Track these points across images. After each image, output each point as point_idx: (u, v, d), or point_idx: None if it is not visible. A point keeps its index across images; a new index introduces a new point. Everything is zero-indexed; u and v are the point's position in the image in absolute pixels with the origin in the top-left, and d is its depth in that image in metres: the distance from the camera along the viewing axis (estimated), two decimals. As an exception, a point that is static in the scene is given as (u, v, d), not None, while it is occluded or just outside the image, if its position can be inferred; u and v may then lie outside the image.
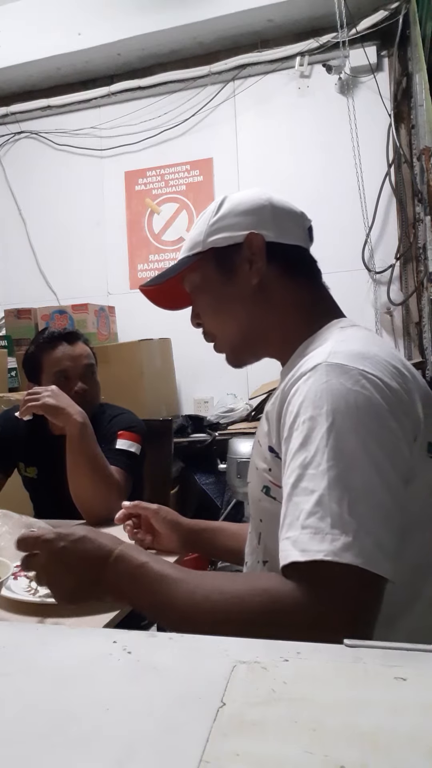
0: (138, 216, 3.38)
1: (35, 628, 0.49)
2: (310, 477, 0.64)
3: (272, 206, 0.89)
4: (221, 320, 0.91)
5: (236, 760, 0.31)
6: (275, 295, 0.87)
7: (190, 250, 0.92)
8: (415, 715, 0.35)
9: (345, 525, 0.60)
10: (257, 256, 0.86)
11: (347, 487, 0.62)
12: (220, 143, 3.22)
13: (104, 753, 0.32)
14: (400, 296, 2.93)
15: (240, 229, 0.87)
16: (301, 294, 0.88)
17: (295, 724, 0.34)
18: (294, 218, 0.91)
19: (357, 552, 0.59)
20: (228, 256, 0.88)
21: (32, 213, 3.55)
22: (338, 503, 0.61)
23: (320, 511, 0.61)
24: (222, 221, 0.89)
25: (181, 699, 0.37)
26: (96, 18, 3.08)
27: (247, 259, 0.87)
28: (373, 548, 0.59)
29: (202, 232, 0.90)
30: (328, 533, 0.60)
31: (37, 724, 0.35)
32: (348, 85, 2.96)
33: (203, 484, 2.80)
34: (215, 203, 0.91)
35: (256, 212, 0.88)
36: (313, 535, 0.60)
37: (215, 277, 0.90)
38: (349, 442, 0.64)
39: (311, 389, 0.69)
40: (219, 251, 0.89)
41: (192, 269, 0.92)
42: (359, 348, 0.73)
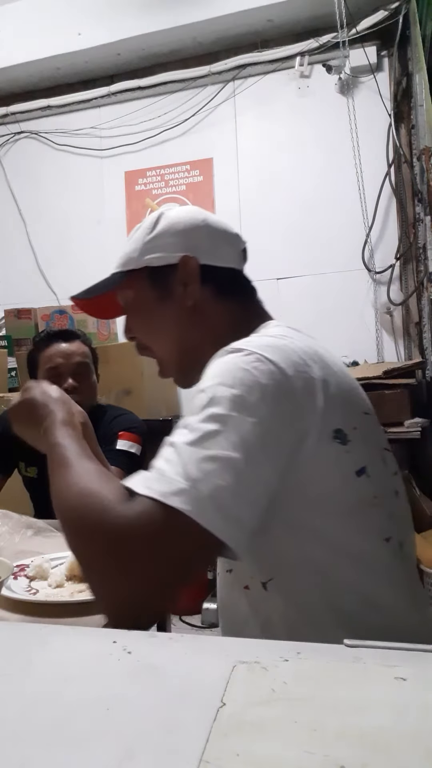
0: (138, 216, 3.38)
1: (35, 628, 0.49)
2: (179, 433, 0.66)
3: (208, 228, 0.90)
4: (156, 338, 0.93)
5: (236, 760, 0.31)
6: (207, 315, 0.89)
7: (123, 266, 0.93)
8: (415, 715, 0.35)
9: (188, 474, 0.61)
10: (191, 278, 0.87)
11: (206, 446, 0.63)
12: (220, 143, 3.22)
13: (104, 753, 0.32)
14: (400, 296, 2.93)
15: (175, 250, 0.88)
16: (234, 314, 0.89)
17: (295, 724, 0.34)
18: (229, 240, 0.92)
19: (186, 499, 0.59)
20: (162, 276, 0.89)
21: (32, 213, 3.54)
22: (190, 456, 0.62)
23: (173, 459, 0.63)
24: (157, 240, 0.90)
25: (181, 699, 0.37)
26: (96, 18, 3.08)
27: (182, 281, 0.88)
28: (207, 502, 0.60)
29: (137, 249, 0.91)
30: (170, 479, 0.61)
31: (37, 724, 0.35)
32: (348, 85, 2.96)
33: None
34: (151, 219, 0.92)
35: (192, 234, 0.89)
36: (159, 476, 0.62)
37: (149, 295, 0.91)
38: (224, 411, 0.65)
39: (209, 369, 0.72)
40: (153, 270, 0.90)
41: (125, 285, 0.93)
42: (268, 341, 0.74)
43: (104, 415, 1.65)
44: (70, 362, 1.59)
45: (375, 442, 0.78)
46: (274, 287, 2.96)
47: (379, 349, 2.94)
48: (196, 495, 0.60)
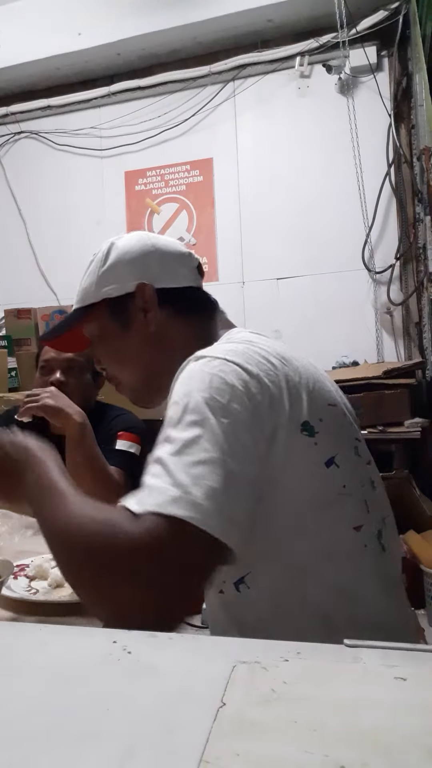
0: (138, 216, 3.38)
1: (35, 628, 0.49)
2: (161, 448, 0.67)
3: (158, 252, 0.92)
4: (122, 368, 0.94)
5: (236, 760, 0.31)
6: (171, 336, 0.90)
7: (83, 301, 0.94)
8: (415, 715, 0.35)
9: (178, 482, 0.62)
10: (149, 304, 0.89)
11: (189, 452, 0.64)
12: (220, 143, 3.22)
13: (104, 753, 0.32)
14: (400, 296, 2.93)
15: (129, 279, 0.90)
16: (196, 330, 0.90)
17: (295, 724, 0.34)
18: (181, 260, 0.93)
19: (183, 506, 0.60)
20: (121, 305, 0.91)
21: (32, 213, 3.55)
22: (175, 464, 0.63)
23: (159, 472, 0.64)
24: (110, 272, 0.91)
25: (181, 699, 0.37)
26: (96, 18, 3.08)
27: (140, 308, 0.89)
28: (204, 505, 0.60)
29: (93, 282, 0.93)
30: (161, 490, 0.62)
31: (37, 724, 0.35)
32: (348, 85, 2.96)
33: (203, 484, 2.80)
34: (102, 251, 0.94)
35: (144, 260, 0.91)
36: (151, 490, 0.63)
37: (111, 326, 0.92)
38: (197, 415, 0.66)
39: (176, 382, 0.73)
40: (112, 301, 0.91)
41: (87, 320, 0.95)
42: (229, 346, 0.76)
43: (104, 415, 1.65)
44: (60, 357, 1.60)
45: (343, 433, 0.78)
46: (274, 287, 2.96)
47: (379, 349, 2.94)
48: (191, 500, 0.60)
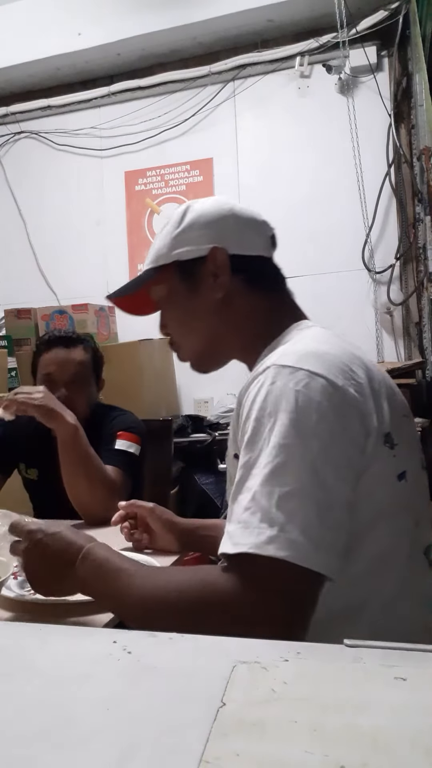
0: (138, 216, 3.38)
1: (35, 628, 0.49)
2: (251, 476, 0.66)
3: (235, 217, 0.90)
4: (187, 331, 0.93)
5: (236, 760, 0.31)
6: (238, 305, 0.89)
7: (154, 261, 0.93)
8: (415, 715, 0.35)
9: (272, 519, 0.61)
10: (221, 270, 0.87)
11: (279, 483, 0.63)
12: (220, 143, 3.22)
13: (104, 753, 0.32)
14: (400, 296, 2.93)
15: (203, 242, 0.88)
16: (264, 303, 0.90)
17: (295, 724, 0.34)
18: (256, 228, 0.92)
19: (281, 545, 0.60)
20: (192, 269, 0.89)
21: (32, 213, 3.54)
22: (268, 498, 0.62)
23: (252, 507, 0.63)
24: (185, 234, 0.90)
25: (181, 699, 0.37)
26: (96, 18, 3.08)
27: (211, 272, 0.88)
28: (301, 542, 0.60)
29: (166, 244, 0.91)
30: (255, 527, 0.61)
31: (37, 724, 0.35)
32: (348, 85, 2.96)
33: (203, 484, 2.80)
34: (178, 213, 0.92)
35: (219, 224, 0.89)
36: (244, 529, 0.62)
37: (180, 289, 0.91)
38: (286, 439, 0.65)
39: (259, 392, 0.71)
40: (183, 264, 0.90)
41: (157, 281, 0.93)
42: (311, 347, 0.75)
43: (103, 415, 1.64)
44: (64, 372, 1.57)
45: (415, 446, 0.79)
46: (274, 287, 2.95)
47: (379, 349, 2.94)
48: (287, 538, 0.60)
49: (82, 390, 1.59)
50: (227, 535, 0.64)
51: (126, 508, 1.14)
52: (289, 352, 0.74)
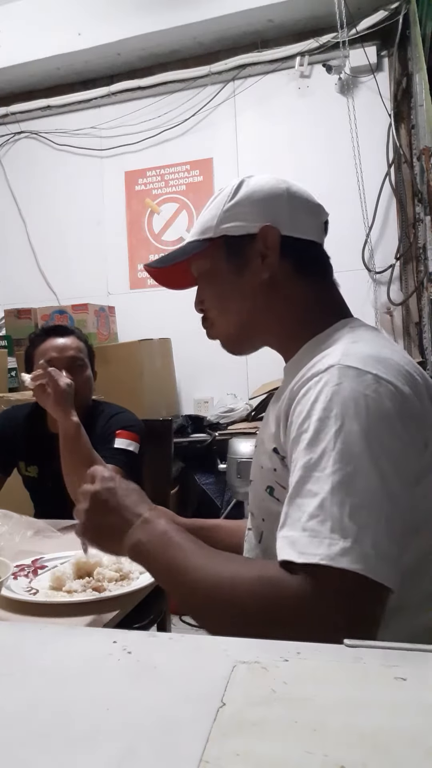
0: (138, 216, 3.38)
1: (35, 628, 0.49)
2: (314, 479, 0.63)
3: (290, 197, 0.85)
4: (225, 310, 0.88)
5: (236, 760, 0.31)
6: (284, 291, 0.85)
7: (201, 234, 0.88)
8: (415, 715, 0.35)
9: (344, 530, 0.60)
10: (271, 250, 0.83)
11: (350, 492, 0.61)
12: (220, 143, 3.22)
13: (104, 753, 0.32)
14: (400, 296, 2.93)
15: (255, 219, 0.83)
16: (311, 291, 0.86)
17: (295, 724, 0.34)
18: (311, 211, 0.87)
19: (354, 558, 0.58)
20: (240, 246, 0.84)
21: (32, 213, 3.54)
22: (339, 508, 0.61)
23: (321, 515, 0.61)
24: (237, 208, 0.84)
25: (181, 699, 0.37)
26: (96, 18, 3.08)
27: (260, 252, 0.83)
28: (372, 555, 0.59)
29: (215, 216, 0.86)
30: (326, 537, 0.60)
31: (37, 724, 0.35)
32: (348, 85, 2.96)
33: (203, 484, 2.80)
34: (231, 187, 0.87)
35: (273, 202, 0.84)
36: (312, 538, 0.60)
37: (225, 266, 0.86)
38: (356, 447, 0.63)
39: (323, 391, 0.68)
40: (231, 240, 0.85)
41: (201, 255, 0.88)
42: (372, 350, 0.72)
43: (101, 414, 1.65)
44: (64, 356, 1.60)
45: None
46: (274, 287, 2.95)
47: (379, 349, 2.94)
48: (360, 551, 0.59)
49: (82, 373, 1.62)
50: (287, 541, 0.62)
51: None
52: (352, 352, 0.71)
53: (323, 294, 0.87)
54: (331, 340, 0.79)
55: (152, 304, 3.30)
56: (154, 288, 3.33)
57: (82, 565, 1.05)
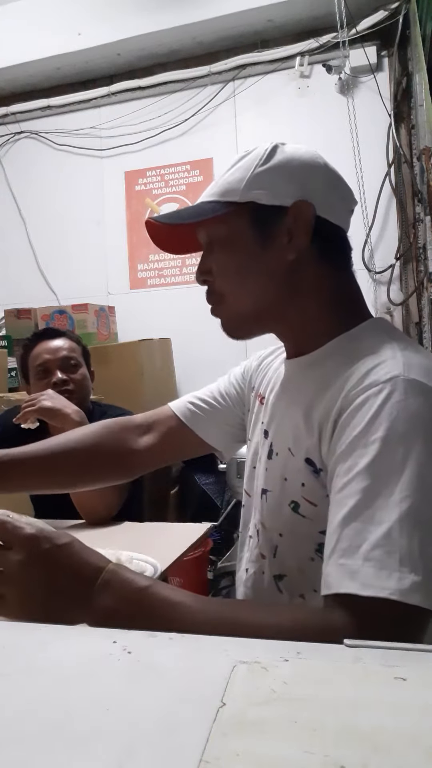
0: (138, 216, 3.38)
1: (35, 628, 0.49)
2: (378, 505, 0.58)
3: (327, 175, 0.78)
4: (237, 287, 0.78)
5: (236, 760, 0.31)
6: (307, 277, 0.76)
7: (222, 195, 0.76)
8: (415, 715, 0.35)
9: (414, 563, 0.55)
10: (302, 230, 0.74)
11: (420, 522, 0.56)
12: (220, 143, 3.22)
13: (104, 753, 0.32)
14: (400, 296, 2.93)
15: (288, 191, 0.74)
16: (336, 282, 0.78)
17: (295, 724, 0.34)
18: (344, 195, 0.80)
19: (427, 594, 0.54)
20: (267, 218, 0.75)
21: (32, 213, 3.54)
22: (409, 539, 0.56)
23: (388, 545, 0.56)
24: (269, 174, 0.74)
25: (181, 699, 0.37)
26: (96, 18, 3.08)
27: (288, 229, 0.74)
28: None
29: (243, 179, 0.75)
30: (396, 570, 0.55)
31: (37, 724, 0.35)
32: (348, 85, 2.96)
33: (203, 484, 2.80)
34: (263, 149, 0.76)
35: (311, 177, 0.76)
36: (379, 570, 0.55)
37: (246, 237, 0.76)
38: (426, 474, 0.58)
39: (385, 405, 0.62)
40: (258, 208, 0.75)
41: (220, 219, 0.76)
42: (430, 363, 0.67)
43: (102, 415, 1.65)
44: (56, 357, 1.62)
45: None
46: (274, 287, 2.95)
47: (379, 349, 2.94)
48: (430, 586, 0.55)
49: (76, 372, 1.62)
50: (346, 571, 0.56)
51: None
52: (414, 363, 0.65)
53: (348, 287, 0.80)
54: (371, 344, 0.71)
55: (152, 304, 3.30)
56: (154, 288, 3.33)
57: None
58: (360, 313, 0.80)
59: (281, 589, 0.80)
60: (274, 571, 0.81)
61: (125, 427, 1.05)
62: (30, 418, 1.42)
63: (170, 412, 1.05)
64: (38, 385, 1.62)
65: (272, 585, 0.81)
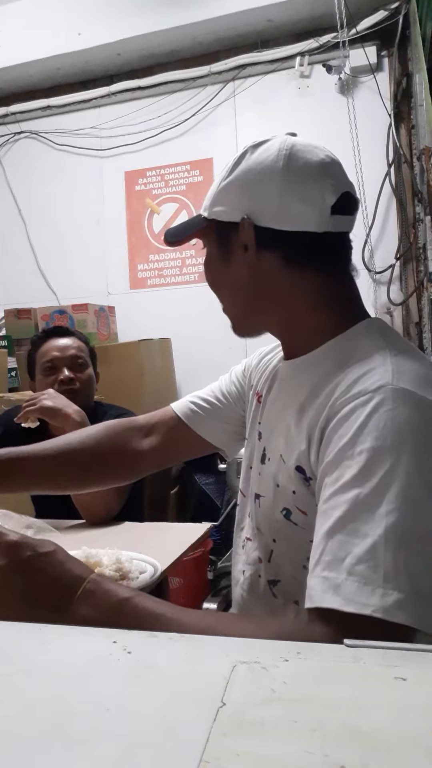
0: (138, 216, 3.38)
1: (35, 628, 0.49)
2: (364, 518, 0.57)
3: (284, 180, 0.74)
4: (221, 296, 0.85)
5: (236, 760, 0.31)
6: (270, 285, 0.77)
7: (203, 209, 0.82)
8: (415, 715, 0.35)
9: (399, 580, 0.54)
10: (249, 244, 0.76)
11: (406, 538, 0.55)
12: (220, 143, 3.22)
13: (104, 753, 0.32)
14: (400, 296, 2.93)
15: (239, 206, 0.75)
16: (314, 286, 0.77)
17: (295, 724, 0.34)
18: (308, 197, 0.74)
19: (410, 611, 0.53)
20: (226, 233, 0.78)
21: (32, 213, 3.54)
22: (394, 554, 0.55)
23: (372, 560, 0.55)
24: (227, 189, 0.77)
25: (181, 699, 0.37)
26: (96, 18, 3.08)
27: (242, 243, 0.76)
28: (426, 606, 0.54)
29: (212, 195, 0.80)
30: (379, 587, 0.54)
31: (37, 724, 0.35)
32: (348, 85, 2.96)
33: (203, 484, 2.80)
34: (236, 156, 0.79)
35: (262, 187, 0.74)
36: (362, 585, 0.54)
37: (216, 252, 0.81)
38: (413, 487, 0.57)
39: (373, 415, 0.60)
40: (219, 225, 0.79)
41: (201, 232, 0.83)
42: (422, 370, 0.65)
43: (104, 415, 1.65)
44: (65, 355, 1.62)
45: None
46: (274, 287, 2.95)
47: (379, 349, 2.94)
48: (416, 602, 0.53)
49: (84, 372, 1.63)
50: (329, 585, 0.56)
51: None
52: (404, 371, 0.64)
53: (340, 288, 0.78)
54: (363, 347, 0.70)
55: (152, 304, 3.30)
56: (154, 288, 3.34)
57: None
58: (355, 313, 0.79)
59: (275, 594, 0.79)
60: (269, 576, 0.80)
61: (128, 428, 1.06)
62: (31, 417, 1.42)
63: (172, 413, 1.05)
64: (44, 382, 1.62)
65: (267, 590, 0.81)
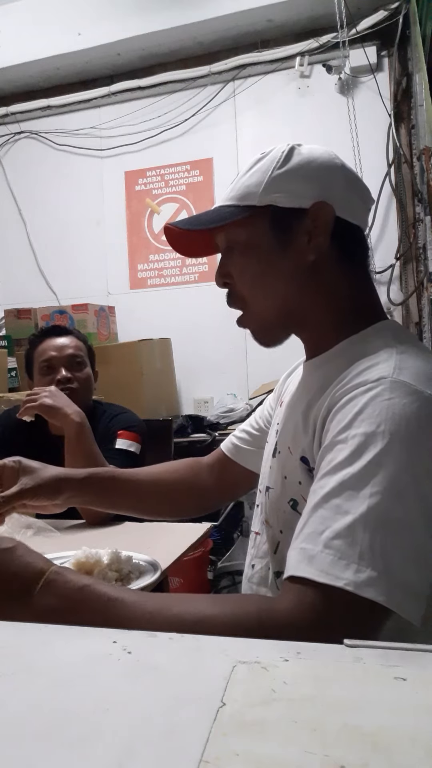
0: (138, 216, 3.38)
1: (35, 628, 0.49)
2: (348, 496, 0.58)
3: (345, 174, 0.78)
4: (260, 290, 0.79)
5: (236, 760, 0.31)
6: (328, 277, 0.77)
7: (240, 199, 0.77)
8: (415, 715, 0.35)
9: (374, 558, 0.55)
10: (321, 230, 0.75)
11: (386, 522, 0.57)
12: (220, 143, 3.22)
13: (104, 753, 0.32)
14: (400, 296, 2.93)
15: (307, 193, 0.75)
16: (354, 282, 0.79)
17: (295, 724, 0.34)
18: (362, 194, 0.80)
19: (381, 589, 0.54)
20: (286, 220, 0.75)
21: (32, 213, 3.55)
22: (372, 534, 0.56)
23: (350, 537, 0.56)
24: (287, 176, 0.75)
25: (181, 699, 0.37)
26: (96, 18, 3.08)
27: (308, 230, 0.75)
28: (397, 587, 0.55)
29: (261, 183, 0.76)
30: (354, 563, 0.55)
31: (37, 724, 0.35)
32: (348, 85, 2.96)
33: (203, 484, 2.80)
34: (279, 151, 0.77)
35: (329, 177, 0.76)
36: (337, 559, 0.56)
37: (265, 240, 0.77)
38: (399, 472, 0.58)
39: (370, 403, 0.62)
40: (277, 211, 0.75)
41: (239, 223, 0.77)
42: (426, 367, 0.67)
43: (103, 414, 1.65)
44: (62, 354, 1.62)
45: None
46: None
47: (379, 349, 2.94)
48: (387, 582, 0.55)
49: (82, 371, 1.63)
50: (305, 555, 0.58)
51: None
52: (406, 366, 0.65)
53: (365, 287, 0.80)
54: (374, 346, 0.71)
55: (152, 304, 3.30)
56: (154, 288, 3.34)
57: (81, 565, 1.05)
58: (373, 313, 0.80)
59: (279, 586, 0.80)
60: (275, 567, 0.81)
61: (198, 466, 1.14)
62: (30, 413, 1.42)
63: (221, 451, 1.12)
64: (42, 381, 1.62)
65: (273, 582, 0.82)
